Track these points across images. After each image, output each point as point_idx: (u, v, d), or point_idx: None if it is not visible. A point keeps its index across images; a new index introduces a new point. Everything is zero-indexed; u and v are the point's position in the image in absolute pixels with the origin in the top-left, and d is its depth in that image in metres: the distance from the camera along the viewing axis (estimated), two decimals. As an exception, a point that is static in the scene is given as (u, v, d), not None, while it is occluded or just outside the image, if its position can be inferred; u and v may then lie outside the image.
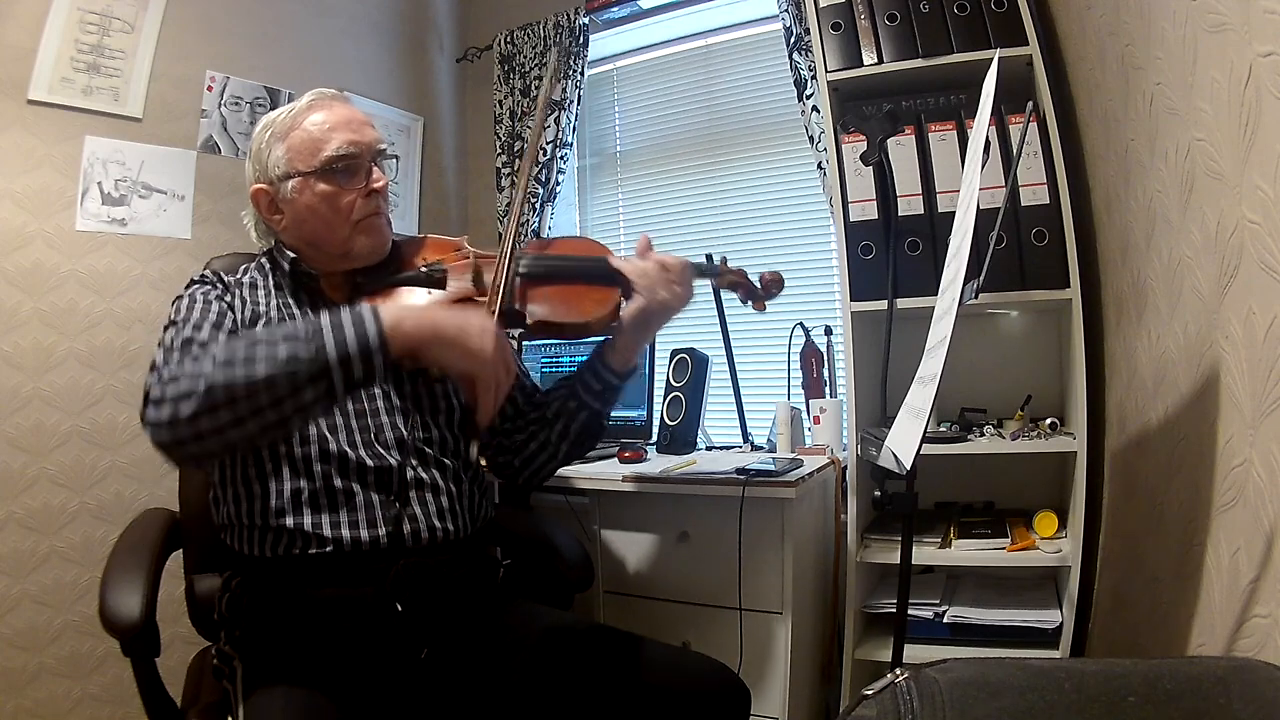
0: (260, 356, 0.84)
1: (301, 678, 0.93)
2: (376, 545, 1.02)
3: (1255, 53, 0.78)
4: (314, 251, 1.13)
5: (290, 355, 0.84)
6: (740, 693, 1.07)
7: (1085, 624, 1.44)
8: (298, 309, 1.11)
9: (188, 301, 1.05)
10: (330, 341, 0.85)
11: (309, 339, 0.85)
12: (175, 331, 1.00)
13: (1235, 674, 0.53)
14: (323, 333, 0.86)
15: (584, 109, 2.44)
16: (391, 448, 1.07)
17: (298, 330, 0.87)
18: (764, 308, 1.32)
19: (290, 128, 1.09)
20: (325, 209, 1.08)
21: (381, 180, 1.11)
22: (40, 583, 1.71)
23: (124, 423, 1.85)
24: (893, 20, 1.58)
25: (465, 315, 0.94)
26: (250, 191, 1.12)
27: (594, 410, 1.18)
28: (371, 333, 0.87)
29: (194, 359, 0.90)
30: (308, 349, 0.85)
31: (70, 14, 1.74)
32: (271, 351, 0.84)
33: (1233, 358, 0.87)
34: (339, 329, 0.86)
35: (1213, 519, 0.92)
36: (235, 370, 0.84)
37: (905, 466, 0.89)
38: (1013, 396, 1.62)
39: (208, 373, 0.84)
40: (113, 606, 0.98)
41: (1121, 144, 1.25)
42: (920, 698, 0.53)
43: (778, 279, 1.31)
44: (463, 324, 0.92)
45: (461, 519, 1.10)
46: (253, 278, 1.14)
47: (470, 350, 0.91)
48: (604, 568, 1.64)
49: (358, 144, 1.09)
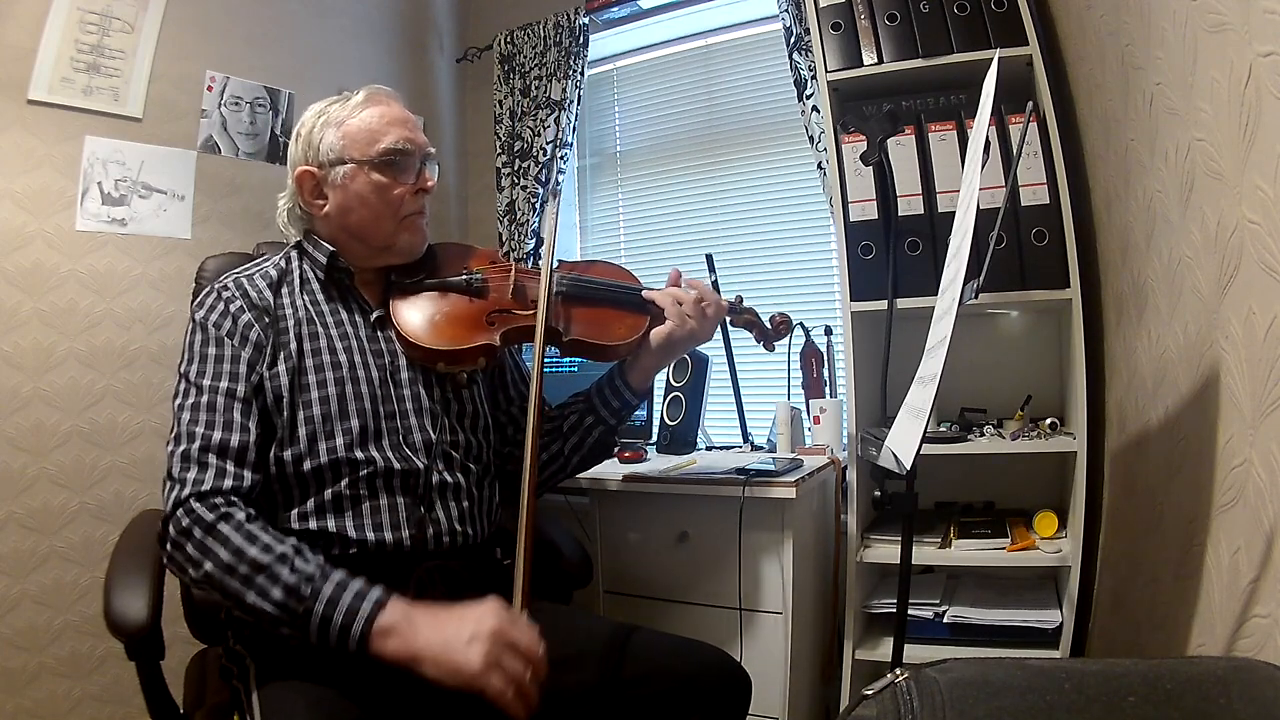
0: (257, 585, 0.90)
1: (321, 678, 0.93)
2: (400, 547, 1.03)
3: (1255, 53, 0.78)
4: (353, 243, 1.13)
5: (279, 603, 0.89)
6: (741, 679, 1.09)
7: (1085, 624, 1.44)
8: (327, 305, 1.11)
9: (199, 341, 1.03)
10: (318, 611, 0.89)
11: (301, 600, 0.89)
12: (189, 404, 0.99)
13: (1235, 674, 0.53)
14: (319, 598, 0.89)
15: (584, 109, 2.44)
16: (419, 451, 1.07)
17: (298, 582, 0.90)
18: (773, 348, 1.41)
19: (347, 117, 1.11)
20: (375, 199, 1.09)
21: (432, 180, 1.14)
22: (40, 583, 1.71)
23: (124, 423, 1.85)
24: (893, 20, 1.58)
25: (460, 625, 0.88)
26: (295, 173, 1.12)
27: (609, 426, 1.23)
28: (357, 632, 0.88)
29: (203, 536, 0.92)
30: (297, 607, 0.89)
31: (70, 14, 1.74)
32: (267, 588, 0.89)
33: (1233, 358, 0.87)
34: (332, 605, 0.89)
35: (1213, 519, 0.92)
36: (232, 582, 0.90)
37: (905, 466, 0.89)
38: (1013, 396, 1.62)
39: (209, 566, 0.91)
40: (119, 609, 0.99)
41: (1121, 144, 1.25)
42: (920, 698, 0.53)
43: (786, 321, 1.38)
44: (451, 640, 0.87)
45: (480, 523, 1.12)
46: (279, 268, 1.13)
47: (454, 667, 0.86)
48: (604, 568, 1.64)
49: (413, 142, 1.12)
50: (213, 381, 1.00)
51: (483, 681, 0.86)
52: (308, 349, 1.06)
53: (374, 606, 0.89)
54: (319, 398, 1.04)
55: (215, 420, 0.98)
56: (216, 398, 0.99)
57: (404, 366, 1.11)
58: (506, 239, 2.46)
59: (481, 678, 0.85)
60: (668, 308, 1.17)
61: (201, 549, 0.91)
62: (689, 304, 1.17)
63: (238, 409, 1.00)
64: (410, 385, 1.10)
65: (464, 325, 1.13)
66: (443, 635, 0.88)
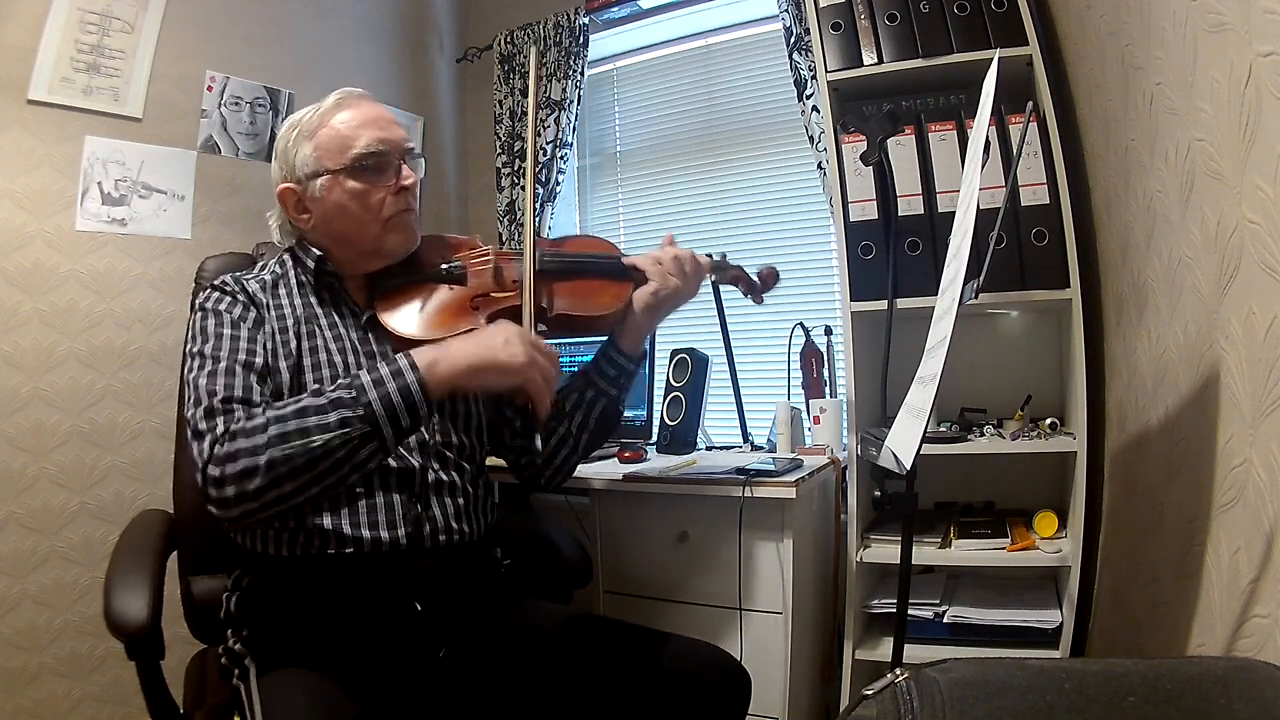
0: (313, 426, 0.89)
1: (320, 676, 0.93)
2: (396, 546, 1.03)
3: (1255, 53, 0.78)
4: (342, 249, 1.13)
5: (340, 419, 0.89)
6: (741, 679, 1.09)
7: (1085, 624, 1.44)
8: (320, 308, 1.12)
9: (213, 324, 1.03)
10: (375, 398, 0.90)
11: (354, 401, 0.90)
12: (205, 373, 0.97)
13: (1235, 674, 0.53)
14: (366, 391, 0.91)
15: (584, 109, 2.44)
16: (414, 450, 1.07)
17: (341, 394, 0.91)
18: (762, 300, 1.41)
19: (318, 126, 1.10)
20: (355, 206, 1.08)
21: (411, 177, 1.12)
22: (40, 583, 1.71)
23: (124, 423, 1.85)
24: (893, 20, 1.58)
25: (488, 335, 0.97)
26: (277, 191, 1.12)
27: (611, 397, 1.22)
28: (412, 381, 0.92)
29: (246, 433, 0.89)
30: (355, 411, 0.89)
31: (70, 14, 1.74)
32: (322, 420, 0.89)
33: (1233, 358, 0.87)
34: (380, 385, 0.91)
35: (1213, 519, 0.92)
36: (292, 444, 0.88)
37: (905, 466, 0.89)
38: (1013, 396, 1.62)
39: (265, 449, 0.88)
40: (119, 610, 0.99)
41: (1121, 144, 1.25)
42: (920, 698, 0.53)
43: (773, 273, 1.40)
44: (488, 345, 0.96)
45: (476, 521, 1.12)
46: (274, 274, 1.13)
47: (504, 366, 0.95)
48: (604, 568, 1.64)
49: (387, 141, 1.09)
50: (229, 356, 1.00)
51: (527, 373, 0.96)
52: (305, 348, 1.06)
53: (407, 360, 0.93)
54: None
55: (234, 383, 0.97)
56: (235, 366, 0.99)
57: None
58: (507, 239, 2.46)
59: (526, 369, 0.95)
60: (648, 269, 1.18)
61: (250, 452, 0.88)
62: (669, 262, 1.19)
63: (255, 378, 0.99)
64: (428, 425, 1.09)
65: (449, 313, 1.13)
66: (479, 345, 0.96)
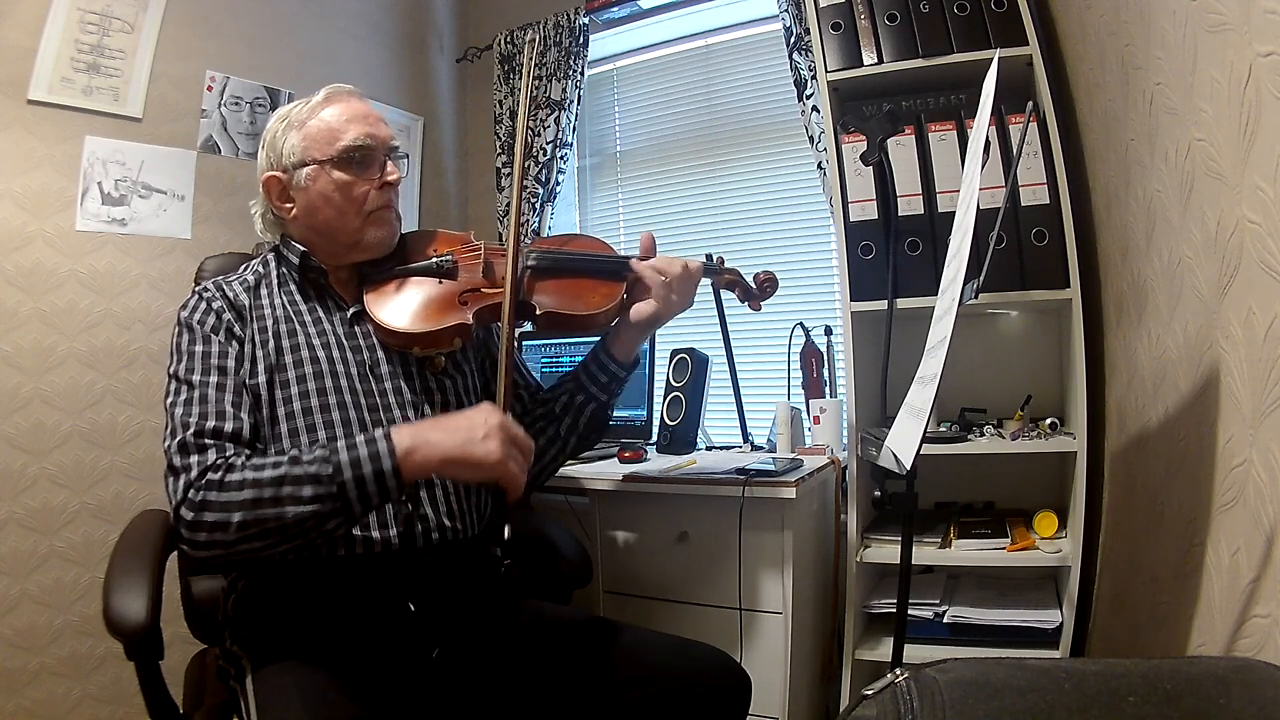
0: (287, 497, 0.91)
1: (315, 677, 0.93)
2: (388, 545, 1.03)
3: (1255, 53, 0.78)
4: (323, 242, 1.13)
5: (314, 495, 0.91)
6: (741, 679, 1.09)
7: (1085, 624, 1.44)
8: (304, 304, 1.12)
9: (186, 341, 1.04)
10: (350, 479, 0.92)
11: (329, 479, 0.91)
12: (181, 400, 0.99)
13: (1235, 674, 0.53)
14: (342, 470, 0.92)
15: (584, 109, 2.44)
16: None
17: (319, 469, 0.92)
18: (760, 307, 1.39)
19: (307, 118, 1.12)
20: (339, 197, 1.10)
21: (395, 174, 1.14)
22: (40, 583, 1.71)
23: (124, 423, 1.85)
24: (893, 20, 1.58)
25: (467, 428, 0.96)
26: (262, 179, 1.13)
27: (601, 401, 1.22)
28: (388, 469, 0.93)
29: (221, 488, 0.91)
30: (329, 488, 0.91)
31: (70, 14, 1.74)
32: (296, 492, 0.91)
33: (1233, 358, 0.87)
34: (356, 466, 0.92)
35: (1213, 519, 0.92)
36: (265, 511, 0.91)
37: (905, 466, 0.89)
38: (1013, 396, 1.62)
39: (238, 509, 0.90)
40: (118, 610, 0.98)
41: (1121, 144, 1.25)
42: (920, 698, 0.53)
43: (772, 278, 1.38)
44: (466, 441, 0.95)
45: (468, 518, 1.12)
46: (256, 273, 1.14)
47: (478, 463, 0.95)
48: (604, 568, 1.64)
49: (374, 137, 1.12)
50: (203, 376, 1.01)
51: (501, 470, 0.95)
52: (286, 346, 1.07)
53: (386, 440, 0.93)
54: (299, 393, 1.04)
55: (209, 411, 0.98)
56: (208, 390, 1.00)
57: (384, 360, 1.11)
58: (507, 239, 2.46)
59: (499, 466, 0.95)
60: (649, 279, 1.18)
61: (223, 508, 0.90)
62: (671, 273, 1.19)
63: (229, 400, 1.00)
64: (391, 379, 1.10)
65: (436, 307, 1.13)
66: (457, 438, 0.95)
